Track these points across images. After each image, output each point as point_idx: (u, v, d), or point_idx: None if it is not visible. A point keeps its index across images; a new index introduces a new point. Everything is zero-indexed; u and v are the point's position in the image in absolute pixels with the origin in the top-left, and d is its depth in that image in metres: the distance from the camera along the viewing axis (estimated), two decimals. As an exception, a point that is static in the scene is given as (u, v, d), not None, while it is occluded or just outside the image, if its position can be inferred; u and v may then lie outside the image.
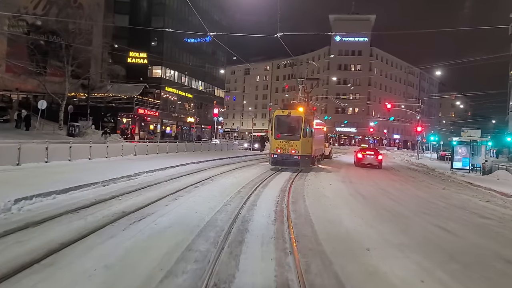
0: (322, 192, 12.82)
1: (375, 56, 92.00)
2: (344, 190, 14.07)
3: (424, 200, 13.14)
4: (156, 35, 55.51)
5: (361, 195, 13.15)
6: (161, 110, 54.36)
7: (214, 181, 14.03)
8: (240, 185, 13.40)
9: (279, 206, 9.79)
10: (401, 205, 11.66)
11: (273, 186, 13.81)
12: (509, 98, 52.47)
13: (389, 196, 13.52)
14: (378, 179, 19.43)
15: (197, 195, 10.55)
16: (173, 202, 9.48)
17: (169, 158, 21.40)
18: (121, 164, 16.36)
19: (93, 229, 6.42)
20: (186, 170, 17.23)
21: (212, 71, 71.77)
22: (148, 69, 55.45)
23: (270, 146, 20.58)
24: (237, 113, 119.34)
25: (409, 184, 18.49)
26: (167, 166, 16.79)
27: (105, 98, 47.79)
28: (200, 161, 21.06)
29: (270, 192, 12.12)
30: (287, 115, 20.01)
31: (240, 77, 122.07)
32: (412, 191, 15.63)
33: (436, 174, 25.78)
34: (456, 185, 19.32)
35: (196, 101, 67.14)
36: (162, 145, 25.02)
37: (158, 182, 12.87)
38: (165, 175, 14.83)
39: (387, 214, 9.80)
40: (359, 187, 15.45)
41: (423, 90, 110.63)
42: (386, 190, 15.01)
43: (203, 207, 8.92)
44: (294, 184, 14.82)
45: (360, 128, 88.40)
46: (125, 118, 50.38)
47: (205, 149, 31.91)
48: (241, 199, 10.41)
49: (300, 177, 17.79)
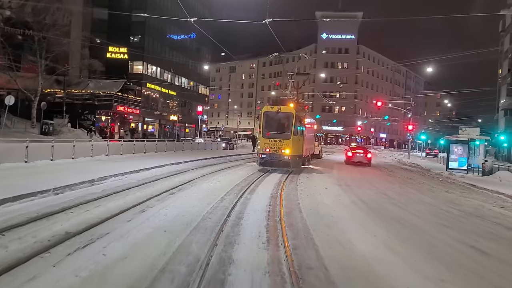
0: (319, 199, 11.04)
1: (362, 54, 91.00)
2: (343, 195, 12.32)
3: (433, 207, 11.50)
4: (137, 29, 53.18)
5: (363, 202, 11.43)
6: (142, 107, 51.96)
7: (194, 186, 12.13)
8: (224, 190, 11.54)
9: (271, 220, 7.96)
10: (412, 214, 9.97)
11: (262, 191, 11.98)
12: (498, 96, 51.80)
13: (394, 202, 11.84)
14: (375, 181, 17.81)
15: (171, 205, 8.63)
16: (139, 216, 7.56)
17: (146, 159, 19.38)
18: (88, 166, 14.30)
19: (6, 267, 4.46)
20: (163, 173, 15.27)
21: (196, 68, 69.54)
22: (128, 64, 52.98)
23: (258, 145, 18.78)
24: (222, 112, 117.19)
25: (409, 186, 16.89)
26: (141, 168, 14.81)
27: (83, 95, 45.28)
28: (180, 162, 19.09)
29: (259, 200, 10.28)
30: (277, 112, 18.20)
31: (225, 74, 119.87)
32: (416, 195, 13.99)
33: (433, 175, 24.34)
34: (459, 188, 17.81)
35: (179, 99, 64.86)
36: (139, 144, 22.94)
37: (127, 188, 10.91)
38: (138, 179, 12.86)
39: (402, 229, 8.05)
40: (358, 191, 13.75)
41: (409, 88, 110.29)
42: (388, 195, 13.34)
43: (175, 224, 7.03)
44: (285, 188, 13.01)
45: (347, 127, 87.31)
46: (104, 116, 47.95)
47: (188, 149, 29.89)
48: (225, 210, 8.55)
49: (291, 179, 16.02)
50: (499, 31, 48.81)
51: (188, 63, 66.27)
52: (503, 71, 44.72)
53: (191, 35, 67.77)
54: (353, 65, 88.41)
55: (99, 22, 51.49)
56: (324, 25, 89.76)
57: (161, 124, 60.34)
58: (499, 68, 52.01)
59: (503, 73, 44.69)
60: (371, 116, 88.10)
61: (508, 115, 42.45)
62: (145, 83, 53.43)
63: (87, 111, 45.53)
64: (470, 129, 24.66)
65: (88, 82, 47.88)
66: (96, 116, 46.87)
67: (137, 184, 11.75)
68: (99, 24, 51.34)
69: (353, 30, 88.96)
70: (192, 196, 10.03)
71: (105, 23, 51.69)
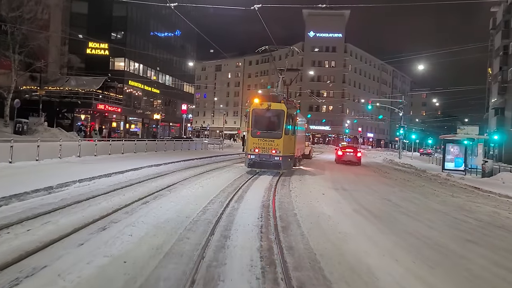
0: (318, 208, 9.52)
1: (350, 53, 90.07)
2: (343, 202, 10.84)
3: (446, 216, 10.11)
4: (118, 24, 50.99)
5: (368, 210, 9.96)
6: (124, 106, 49.85)
7: (173, 192, 10.48)
8: (207, 197, 9.95)
9: (265, 239, 6.39)
10: (427, 226, 8.53)
11: (252, 198, 10.41)
12: (487, 95, 51.27)
13: (401, 210, 10.40)
14: (372, 184, 16.42)
15: (141, 221, 6.98)
16: (96, 236, 5.91)
17: (123, 160, 17.62)
18: (52, 169, 12.52)
19: None
20: (140, 176, 13.56)
21: (181, 66, 67.48)
22: (109, 61, 50.75)
23: (246, 145, 17.22)
24: (208, 111, 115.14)
25: (410, 190, 15.53)
26: (114, 171, 13.07)
27: (61, 92, 43.06)
28: (160, 164, 17.36)
29: (249, 210, 8.70)
30: (267, 109, 16.65)
31: (211, 73, 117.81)
32: (422, 201, 12.60)
33: (430, 176, 23.09)
34: (462, 191, 16.52)
35: (163, 97, 62.76)
36: (116, 144, 21.11)
37: (92, 196, 9.22)
38: (108, 185, 11.16)
39: (425, 248, 6.58)
40: (358, 197, 12.29)
41: (396, 88, 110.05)
42: (391, 201, 11.92)
43: (142, 248, 5.42)
44: (278, 194, 11.47)
45: (334, 126, 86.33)
46: (84, 114, 45.73)
47: (170, 149, 28.10)
48: (207, 225, 6.97)
49: (283, 183, 14.49)
50: (489, 28, 48.20)
51: (172, 60, 64.28)
52: (494, 70, 44.04)
53: (175, 32, 65.77)
54: (340, 63, 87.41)
55: (78, 16, 49.22)
56: (311, 23, 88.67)
57: (145, 123, 58.24)
58: (488, 67, 51.53)
59: (494, 71, 44.02)
60: (358, 115, 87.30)
61: (500, 114, 41.79)
62: (127, 80, 51.29)
63: (66, 110, 43.37)
64: (469, 128, 23.49)
65: (66, 79, 45.68)
66: (75, 115, 44.70)
67: (105, 191, 10.06)
68: (78, 18, 49.07)
69: (341, 28, 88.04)
70: (169, 207, 8.39)
71: (85, 17, 49.47)
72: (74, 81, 45.35)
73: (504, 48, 41.89)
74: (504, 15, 41.92)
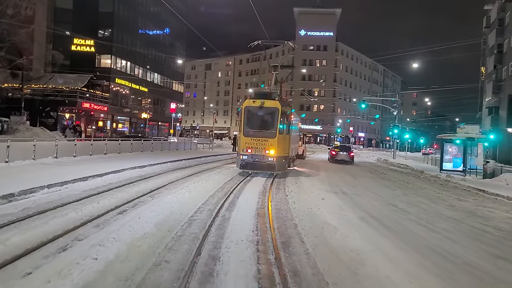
0: (320, 217, 8.38)
1: (341, 52, 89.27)
2: (346, 209, 9.73)
3: (461, 224, 9.09)
4: (105, 20, 49.37)
5: (375, 218, 8.87)
6: (111, 104, 48.27)
7: (155, 199, 9.26)
8: (194, 205, 8.77)
9: (263, 261, 5.21)
10: (447, 238, 7.47)
11: (245, 205, 9.23)
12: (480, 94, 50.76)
13: (412, 218, 9.34)
14: (371, 187, 15.40)
15: (111, 238, 5.75)
16: (50, 262, 4.67)
17: (104, 162, 16.31)
18: (21, 172, 11.18)
19: None
20: (121, 180, 12.30)
21: (170, 64, 65.98)
22: (95, 58, 49.08)
23: (238, 145, 16.05)
24: (197, 110, 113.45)
25: (413, 193, 14.51)
26: (91, 175, 11.78)
27: (44, 90, 41.43)
28: (145, 165, 16.08)
29: (242, 221, 7.53)
30: (260, 106, 15.51)
31: (201, 72, 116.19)
32: (430, 206, 11.56)
33: (429, 177, 22.16)
34: (468, 194, 15.56)
35: (152, 96, 61.21)
36: (98, 144, 19.73)
37: (60, 204, 7.97)
38: (82, 190, 9.90)
39: (456, 270, 5.47)
40: (360, 201, 11.23)
41: (387, 87, 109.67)
42: (397, 207, 10.87)
43: (107, 280, 4.22)
44: (273, 200, 10.32)
45: (325, 125, 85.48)
46: (68, 113, 44.08)
47: (158, 149, 26.76)
48: (193, 243, 5.79)
49: (278, 186, 13.35)
50: (483, 27, 47.64)
51: (161, 58, 62.73)
52: (488, 68, 43.42)
53: (164, 29, 64.27)
54: (331, 62, 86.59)
55: (63, 12, 47.51)
56: (302, 22, 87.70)
57: (132, 122, 56.65)
58: (481, 66, 51.01)
59: (488, 70, 43.39)
60: (349, 114, 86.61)
61: (494, 113, 41.17)
62: (114, 78, 49.64)
63: (49, 108, 41.71)
64: (469, 127, 22.60)
65: (50, 76, 43.98)
66: (59, 114, 43.05)
67: (78, 197, 8.80)
68: (63, 13, 47.36)
69: (332, 27, 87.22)
70: (149, 217, 7.18)
71: (70, 13, 47.74)
72: (58, 79, 43.71)
73: (499, 47, 41.28)
74: (499, 13, 41.30)
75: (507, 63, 38.64)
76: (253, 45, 20.90)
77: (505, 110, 38.74)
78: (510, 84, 36.93)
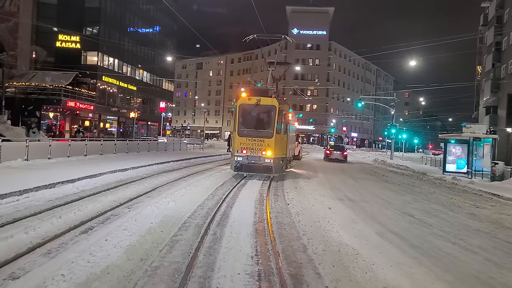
0: (333, 234, 6.92)
1: (334, 51, 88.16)
2: (359, 221, 8.30)
3: (495, 240, 7.76)
4: (91, 16, 47.35)
5: (396, 234, 7.45)
6: (97, 103, 46.29)
7: (132, 211, 7.73)
8: (179, 218, 7.28)
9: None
10: (486, 260, 6.09)
11: (240, 219, 7.74)
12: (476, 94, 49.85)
13: (436, 231, 7.95)
14: (377, 191, 14.06)
15: (61, 274, 4.22)
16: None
17: (82, 164, 14.69)
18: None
19: None
20: (97, 186, 10.73)
21: (160, 62, 64.02)
22: (81, 55, 47.06)
23: (233, 146, 14.60)
24: (188, 110, 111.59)
25: (424, 198, 13.16)
26: (61, 180, 10.20)
27: (27, 88, 39.47)
28: (127, 168, 14.49)
29: (237, 242, 6.03)
30: (256, 104, 14.09)
31: (192, 71, 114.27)
32: (448, 215, 10.19)
33: (433, 180, 20.86)
34: (482, 199, 14.25)
35: (141, 95, 59.29)
36: (78, 145, 18.06)
37: (11, 220, 6.42)
38: (47, 199, 8.33)
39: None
40: (371, 210, 9.84)
41: (380, 87, 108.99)
42: (414, 216, 9.50)
43: None
44: (273, 211, 8.84)
45: (318, 125, 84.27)
46: (52, 112, 42.11)
47: (144, 149, 25.12)
48: (172, 280, 4.29)
49: (275, 191, 11.90)
50: (480, 25, 46.71)
51: (151, 56, 60.84)
52: (486, 66, 42.43)
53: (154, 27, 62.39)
54: (324, 61, 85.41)
55: (47, 6, 45.40)
56: (295, 20, 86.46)
57: (120, 122, 54.71)
58: (477, 65, 50.13)
59: (486, 68, 42.41)
60: (342, 114, 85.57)
61: (492, 113, 40.18)
62: (100, 75, 47.64)
63: (32, 107, 39.75)
64: (475, 126, 21.37)
65: (33, 73, 41.97)
66: (43, 113, 41.09)
67: (37, 210, 7.24)
68: (47, 8, 45.25)
69: (325, 25, 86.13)
70: (119, 239, 5.65)
71: (54, 7, 45.67)
72: (42, 76, 41.76)
73: (497, 44, 40.34)
74: (497, 10, 40.37)
75: (506, 61, 37.67)
76: (248, 39, 19.56)
77: (504, 109, 37.73)
78: (510, 82, 35.94)
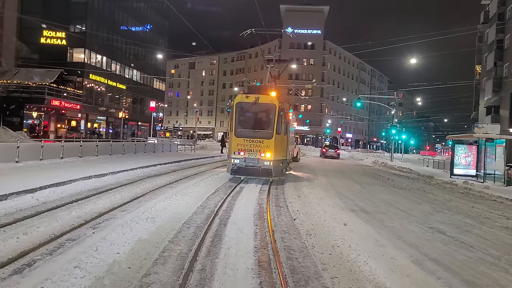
0: (362, 268, 5.24)
1: (329, 50, 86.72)
2: (386, 244, 6.63)
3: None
4: (77, 11, 45.34)
5: (435, 261, 5.81)
6: (84, 102, 44.28)
7: (98, 234, 5.98)
8: (156, 244, 5.57)
9: None
10: None
11: (236, 243, 6.02)
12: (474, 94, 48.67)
13: (481, 256, 6.35)
14: (388, 198, 12.55)
15: None
16: None
17: (53, 169, 12.83)
18: None
19: None
20: (63, 196, 8.93)
21: (151, 60, 62.05)
22: (67, 52, 45.02)
23: (230, 147, 12.98)
24: (181, 110, 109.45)
25: (444, 207, 11.58)
26: (18, 190, 8.38)
27: (8, 86, 37.47)
28: (106, 174, 12.65)
29: (234, 286, 4.33)
30: (254, 102, 12.57)
31: (184, 71, 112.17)
32: (484, 230, 8.60)
33: (442, 184, 19.35)
34: (506, 207, 12.71)
35: (130, 94, 57.33)
36: (53, 146, 16.21)
37: None
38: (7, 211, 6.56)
39: None
40: (392, 225, 8.22)
41: (374, 87, 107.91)
42: (445, 234, 7.91)
43: None
44: (277, 229, 7.14)
45: (313, 126, 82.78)
46: (36, 111, 40.05)
47: (131, 151, 23.28)
48: None
49: (277, 201, 10.22)
50: (480, 23, 45.49)
51: (141, 54, 58.89)
52: (487, 65, 41.16)
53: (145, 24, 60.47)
54: (319, 61, 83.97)
55: (32, 1, 43.36)
56: (289, 19, 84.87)
57: (109, 122, 52.69)
58: (476, 64, 48.94)
59: (487, 67, 41.14)
60: (337, 115, 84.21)
61: (494, 113, 38.92)
62: (87, 73, 45.67)
63: (14, 106, 37.71)
64: (488, 126, 19.83)
65: (16, 71, 39.94)
66: (26, 112, 39.04)
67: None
68: (32, 2, 43.21)
69: (320, 24, 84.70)
70: (65, 285, 3.91)
71: (39, 2, 43.60)
72: (25, 74, 39.72)
73: (498, 42, 39.10)
74: (499, 7, 39.14)
75: (509, 59, 36.44)
76: (246, 34, 17.97)
77: (507, 109, 36.54)
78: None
